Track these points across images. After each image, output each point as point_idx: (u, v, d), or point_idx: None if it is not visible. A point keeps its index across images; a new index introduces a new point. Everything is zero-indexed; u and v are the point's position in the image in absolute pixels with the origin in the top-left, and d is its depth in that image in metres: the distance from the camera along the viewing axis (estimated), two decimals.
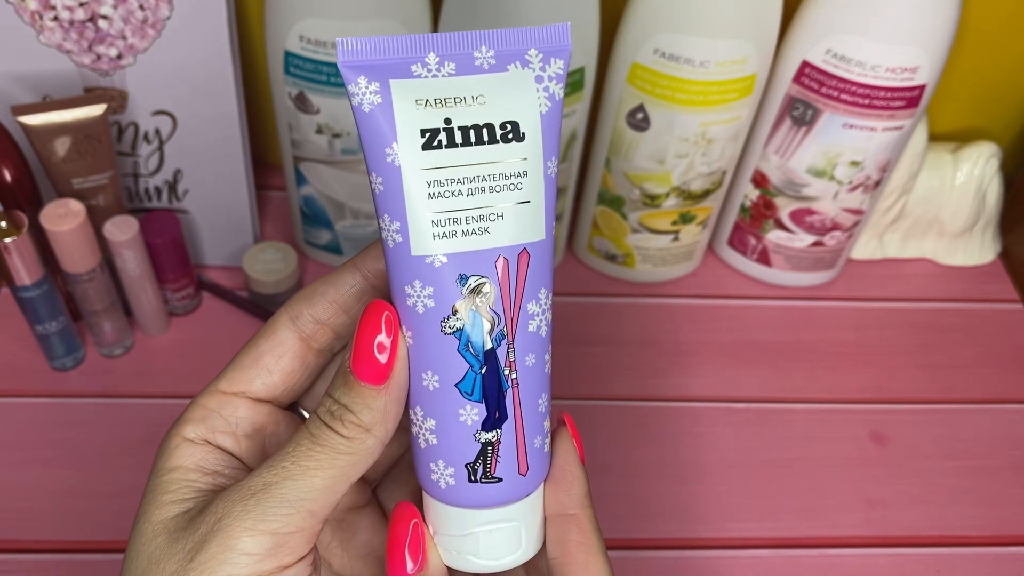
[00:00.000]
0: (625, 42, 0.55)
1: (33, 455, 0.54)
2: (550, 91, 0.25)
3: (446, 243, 0.25)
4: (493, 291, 0.25)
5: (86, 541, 0.51)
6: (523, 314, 0.26)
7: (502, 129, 0.25)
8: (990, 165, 0.67)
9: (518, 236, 0.25)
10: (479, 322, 0.25)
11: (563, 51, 0.25)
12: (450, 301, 0.25)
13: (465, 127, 0.24)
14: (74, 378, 0.58)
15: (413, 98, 0.24)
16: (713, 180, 0.61)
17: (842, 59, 0.55)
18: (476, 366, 0.26)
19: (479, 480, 0.27)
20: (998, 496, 0.57)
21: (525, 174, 0.25)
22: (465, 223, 0.25)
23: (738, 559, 0.53)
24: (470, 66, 0.25)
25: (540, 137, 0.25)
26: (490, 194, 0.25)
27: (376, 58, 0.24)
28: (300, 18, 0.52)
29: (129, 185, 0.61)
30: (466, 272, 0.25)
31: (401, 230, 0.25)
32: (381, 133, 0.24)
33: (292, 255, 0.63)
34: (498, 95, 0.25)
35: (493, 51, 0.25)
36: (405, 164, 0.24)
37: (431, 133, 0.24)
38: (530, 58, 0.25)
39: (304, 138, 0.58)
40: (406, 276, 0.25)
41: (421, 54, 0.24)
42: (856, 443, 0.59)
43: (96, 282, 0.54)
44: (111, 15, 0.52)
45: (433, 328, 0.26)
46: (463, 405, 0.26)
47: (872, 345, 0.65)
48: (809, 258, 0.66)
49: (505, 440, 0.27)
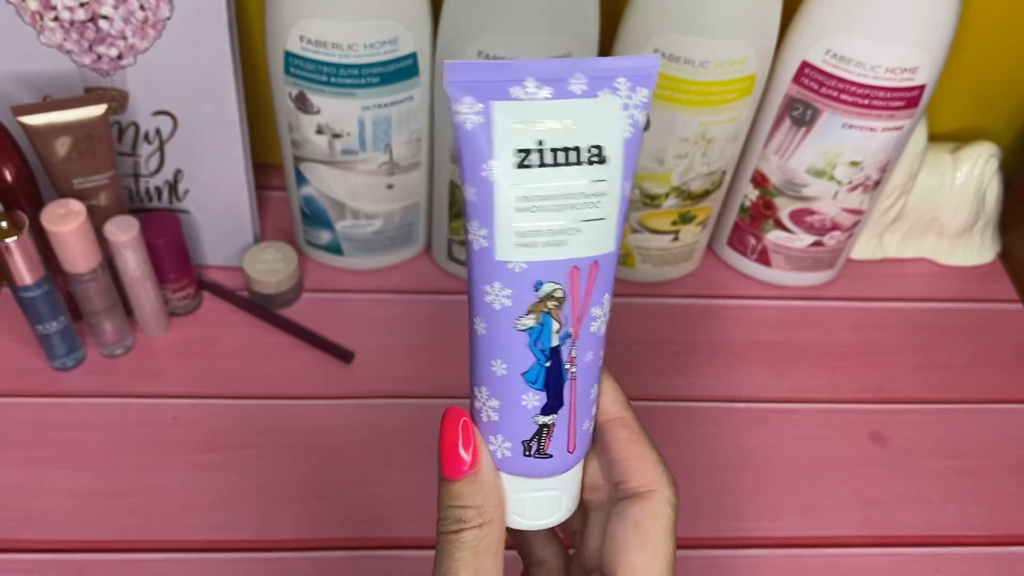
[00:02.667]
0: (625, 43, 0.55)
1: (34, 455, 0.54)
2: (634, 118, 0.28)
3: (527, 252, 0.27)
4: (565, 296, 0.28)
5: (87, 541, 0.51)
6: (587, 317, 0.29)
7: (588, 152, 0.27)
8: (989, 165, 0.67)
9: (591, 249, 0.28)
10: (549, 323, 0.28)
11: (649, 80, 0.28)
12: (525, 303, 0.28)
13: (556, 148, 0.27)
14: (75, 378, 0.59)
15: (511, 119, 0.26)
16: (713, 180, 0.61)
17: (842, 59, 0.55)
18: (542, 360, 0.29)
19: (532, 455, 0.30)
20: (997, 496, 0.57)
21: (604, 194, 0.27)
22: (546, 235, 0.27)
23: (737, 558, 0.53)
24: (564, 91, 0.27)
25: (621, 160, 0.27)
26: (571, 211, 0.27)
27: (481, 80, 0.26)
28: (300, 18, 0.52)
29: (129, 185, 0.61)
30: (542, 279, 0.28)
31: (488, 236, 0.27)
32: (480, 150, 0.27)
33: (292, 255, 0.63)
34: (587, 120, 0.27)
35: (586, 79, 0.27)
36: (499, 180, 0.27)
37: (525, 153, 0.26)
38: (619, 86, 0.27)
39: (304, 138, 0.58)
40: (487, 277, 0.28)
41: (521, 78, 0.26)
42: (855, 443, 0.59)
43: (97, 282, 0.55)
44: (112, 15, 0.53)
45: (507, 324, 0.28)
46: (526, 392, 0.29)
47: (872, 345, 0.65)
48: (809, 258, 0.66)
49: (559, 423, 0.30)
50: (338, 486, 0.54)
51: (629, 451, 0.31)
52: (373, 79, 0.54)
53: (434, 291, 0.66)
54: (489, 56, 0.52)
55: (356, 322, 0.63)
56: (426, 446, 0.57)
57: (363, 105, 0.55)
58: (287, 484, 0.54)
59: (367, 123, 0.56)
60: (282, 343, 0.62)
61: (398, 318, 0.64)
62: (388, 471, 0.55)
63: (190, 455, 0.55)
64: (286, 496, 0.54)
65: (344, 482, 0.54)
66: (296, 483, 0.54)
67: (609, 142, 0.27)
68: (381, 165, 0.60)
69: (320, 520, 0.53)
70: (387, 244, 0.66)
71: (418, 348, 0.62)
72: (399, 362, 0.61)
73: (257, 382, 0.59)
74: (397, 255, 0.67)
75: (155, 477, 0.54)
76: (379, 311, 0.65)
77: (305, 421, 0.57)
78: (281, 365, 0.60)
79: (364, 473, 0.55)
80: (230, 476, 0.54)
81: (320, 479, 0.54)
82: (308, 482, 0.54)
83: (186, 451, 0.55)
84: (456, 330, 0.64)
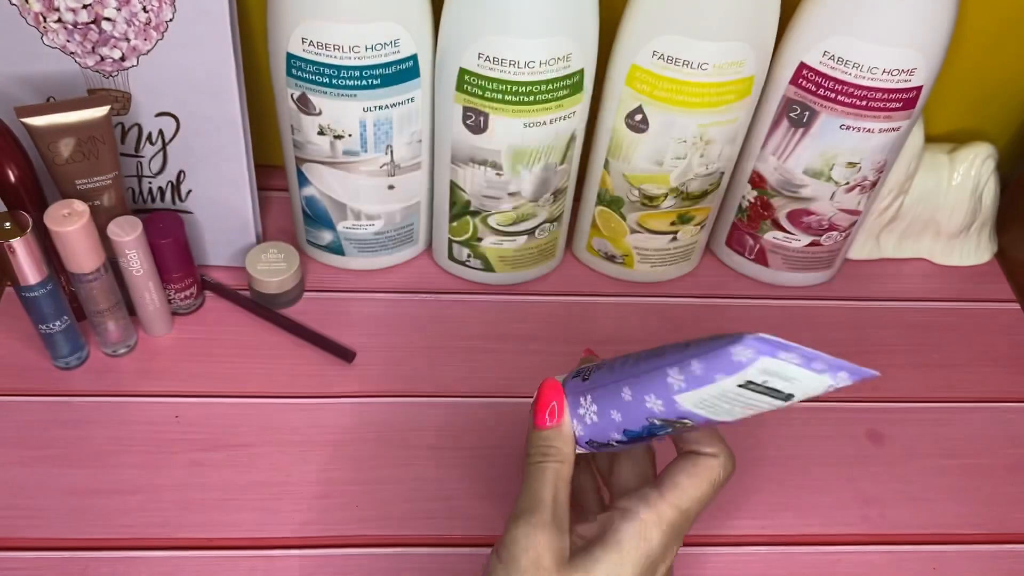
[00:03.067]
0: (624, 44, 0.56)
1: (37, 453, 0.55)
2: (829, 390, 0.36)
3: (699, 409, 0.38)
4: (693, 426, 0.39)
5: (90, 539, 0.51)
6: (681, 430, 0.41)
7: (785, 396, 0.37)
8: (986, 166, 0.67)
9: (730, 418, 0.39)
10: (668, 428, 0.40)
11: (857, 377, 0.35)
12: (667, 417, 0.39)
13: (771, 387, 0.36)
14: (78, 377, 0.59)
15: (762, 367, 0.35)
16: (711, 181, 0.62)
17: (839, 61, 0.55)
18: (645, 434, 0.40)
19: (588, 446, 0.42)
20: (994, 494, 0.57)
21: (767, 408, 0.37)
22: (713, 411, 0.38)
23: (736, 557, 0.53)
24: (808, 366, 0.35)
25: (795, 402, 0.37)
26: (740, 409, 0.38)
27: (766, 346, 0.35)
28: (302, 20, 0.52)
29: (133, 186, 0.61)
30: (689, 418, 0.38)
31: (680, 387, 0.38)
32: (732, 371, 0.36)
33: (294, 255, 0.63)
34: (803, 383, 0.36)
35: (825, 365, 0.35)
36: (723, 385, 0.37)
37: (752, 383, 0.36)
38: (839, 376, 0.35)
39: (306, 139, 0.58)
40: (654, 395, 0.39)
41: (788, 350, 0.35)
42: (853, 441, 0.59)
43: (100, 282, 0.55)
44: (114, 17, 0.53)
45: (642, 415, 0.40)
46: (617, 433, 0.41)
47: (869, 344, 0.66)
48: (806, 258, 0.67)
49: (620, 447, 0.42)
50: (339, 484, 0.55)
51: (704, 431, 0.41)
52: (374, 81, 0.54)
53: (435, 291, 0.67)
54: (490, 57, 0.53)
55: (357, 322, 0.64)
56: (426, 445, 0.57)
57: (364, 106, 0.56)
58: (288, 482, 0.54)
59: (368, 124, 0.57)
60: (284, 342, 0.62)
61: (399, 318, 0.64)
62: (389, 470, 0.55)
63: (192, 454, 0.55)
64: (287, 495, 0.54)
65: (345, 480, 0.55)
66: (297, 482, 0.55)
67: (799, 395, 0.37)
68: (382, 166, 0.60)
69: (321, 519, 0.53)
70: (388, 244, 0.66)
71: (419, 348, 0.63)
72: (400, 362, 0.62)
73: (259, 381, 0.60)
74: (398, 255, 0.68)
75: (157, 476, 0.54)
76: (380, 311, 0.65)
77: (306, 420, 0.58)
78: (283, 364, 0.61)
79: (365, 472, 0.55)
80: (232, 475, 0.54)
81: (321, 478, 0.55)
82: (309, 481, 0.55)
83: (188, 450, 0.55)
84: (456, 330, 0.64)
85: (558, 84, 0.54)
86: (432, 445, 0.57)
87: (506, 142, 0.57)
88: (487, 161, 0.58)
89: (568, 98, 0.56)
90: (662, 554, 0.39)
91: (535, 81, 0.53)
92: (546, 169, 0.59)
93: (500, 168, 0.58)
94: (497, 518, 0.54)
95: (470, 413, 0.59)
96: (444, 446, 0.57)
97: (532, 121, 0.55)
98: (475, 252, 0.65)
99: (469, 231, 0.64)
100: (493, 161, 0.58)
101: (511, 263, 0.66)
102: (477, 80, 0.54)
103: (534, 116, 0.55)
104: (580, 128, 0.59)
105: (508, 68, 0.53)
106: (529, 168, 0.58)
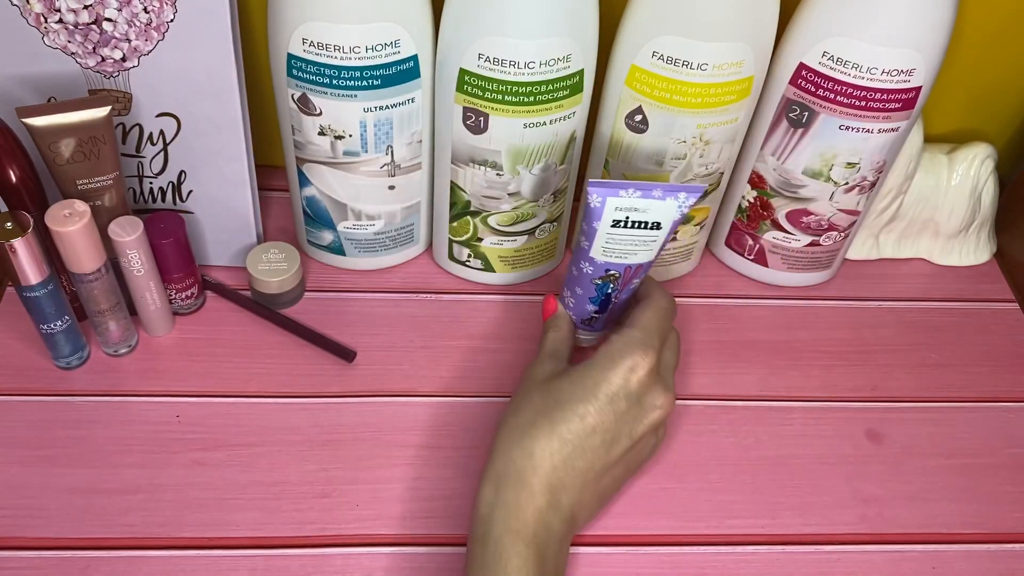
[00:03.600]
0: (624, 45, 0.56)
1: (38, 453, 0.55)
2: (683, 211, 0.51)
3: (607, 257, 0.53)
4: (621, 276, 0.54)
5: (91, 538, 0.51)
6: (629, 285, 0.55)
7: (653, 225, 0.51)
8: (985, 166, 0.67)
9: (641, 259, 0.53)
10: (609, 284, 0.55)
11: (697, 193, 0.51)
12: (599, 274, 0.54)
13: (634, 221, 0.51)
14: (79, 377, 0.59)
15: (615, 206, 0.51)
16: (711, 181, 0.62)
17: (838, 61, 0.55)
18: (600, 295, 0.55)
19: (584, 325, 0.58)
20: (993, 494, 0.57)
21: (655, 240, 0.52)
22: (618, 254, 0.53)
23: (735, 556, 0.53)
24: (649, 196, 0.50)
25: (668, 228, 0.52)
26: (634, 247, 0.52)
27: (606, 188, 0.50)
28: (303, 21, 0.52)
29: (134, 186, 0.61)
30: (611, 268, 0.54)
31: (588, 246, 0.53)
32: (597, 217, 0.51)
33: (295, 255, 0.63)
34: (656, 210, 0.51)
35: (663, 192, 0.50)
36: (601, 230, 0.52)
37: (618, 222, 0.51)
38: (680, 197, 0.51)
39: (307, 140, 0.58)
40: (584, 262, 0.54)
41: (626, 188, 0.50)
42: (852, 441, 0.59)
43: (101, 282, 0.55)
44: (115, 18, 0.53)
45: (588, 280, 0.55)
46: (589, 304, 0.56)
47: (868, 344, 0.66)
48: (805, 258, 0.67)
49: (601, 317, 0.57)
50: (340, 484, 0.55)
51: (643, 283, 0.56)
52: (375, 81, 0.55)
53: (435, 291, 0.67)
54: (490, 58, 0.53)
55: (358, 322, 0.64)
56: (427, 444, 0.57)
57: (365, 107, 0.56)
58: (289, 482, 0.55)
59: (369, 125, 0.57)
60: (284, 342, 0.62)
61: (399, 318, 0.65)
62: (389, 470, 0.56)
63: (193, 453, 0.55)
64: (287, 494, 0.54)
65: (346, 480, 0.55)
66: (298, 481, 0.55)
67: (664, 221, 0.51)
68: (383, 166, 0.60)
69: (322, 518, 0.53)
70: (388, 245, 0.66)
71: (419, 347, 0.63)
72: (400, 361, 0.62)
73: (259, 381, 0.60)
74: (398, 255, 0.68)
75: (158, 475, 0.54)
76: (381, 311, 0.65)
77: (307, 419, 0.58)
78: (283, 364, 0.61)
79: (365, 472, 0.55)
80: (233, 474, 0.55)
81: (322, 477, 0.55)
82: (310, 480, 0.55)
83: (189, 449, 0.56)
84: (456, 330, 0.64)
85: (558, 85, 0.55)
86: (432, 445, 0.57)
87: (506, 142, 0.57)
88: (487, 161, 0.58)
89: (568, 99, 0.56)
90: (640, 354, 0.50)
91: (535, 82, 0.54)
92: (546, 169, 0.59)
93: (500, 168, 0.58)
94: None
95: (470, 413, 0.59)
96: (444, 446, 0.57)
97: (532, 121, 0.56)
98: (475, 252, 0.65)
99: (469, 231, 0.64)
100: (493, 161, 0.58)
101: (511, 263, 0.66)
102: (477, 80, 0.54)
103: (534, 116, 0.55)
104: (580, 128, 0.59)
105: (508, 69, 0.53)
106: (529, 168, 0.59)
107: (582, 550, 0.53)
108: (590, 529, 0.53)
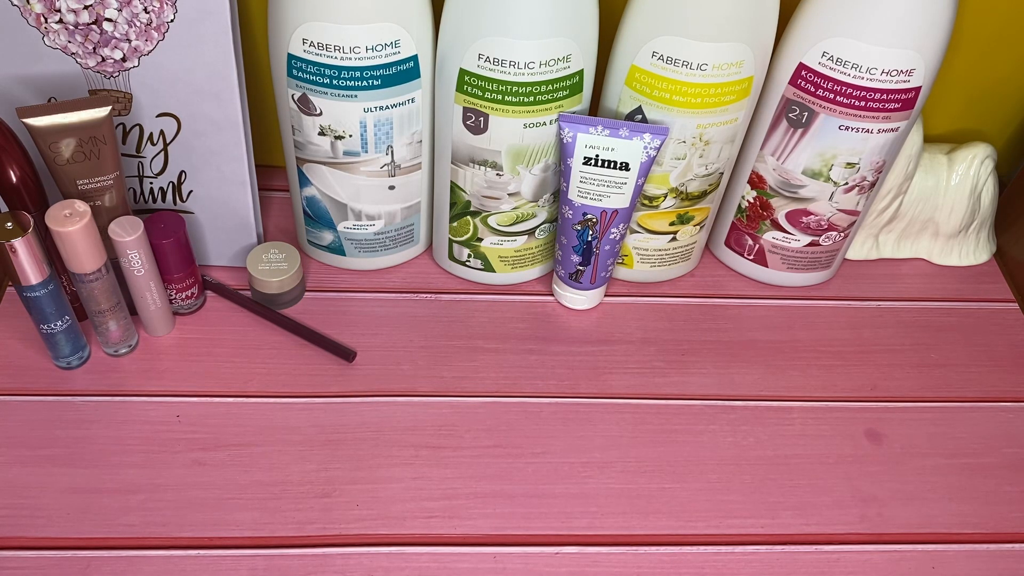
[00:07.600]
0: (624, 45, 0.56)
1: (39, 453, 0.55)
2: (649, 153, 0.56)
3: (582, 198, 0.58)
4: (598, 221, 0.59)
5: (91, 538, 0.51)
6: (608, 232, 0.59)
7: (621, 166, 0.56)
8: (985, 166, 0.67)
9: (615, 203, 0.58)
10: (588, 231, 0.59)
11: (663, 136, 0.55)
12: (578, 219, 0.59)
13: (604, 160, 0.56)
14: (79, 377, 0.59)
15: (585, 143, 0.55)
16: (710, 181, 0.62)
17: (838, 62, 0.55)
18: (581, 243, 0.60)
19: (571, 281, 0.64)
20: (993, 493, 0.57)
21: (625, 182, 0.57)
22: (593, 196, 0.58)
23: (735, 556, 0.53)
24: (616, 135, 0.55)
25: (637, 171, 0.56)
26: (607, 188, 0.57)
27: (577, 124, 0.55)
28: (303, 21, 0.53)
29: (134, 186, 0.62)
30: (588, 211, 0.58)
31: (565, 187, 0.57)
32: (570, 154, 0.56)
33: (295, 255, 0.63)
34: (623, 149, 0.55)
35: (628, 130, 0.55)
36: (575, 168, 0.57)
37: (588, 159, 0.56)
38: (644, 137, 0.55)
39: (307, 140, 0.58)
40: (564, 206, 0.59)
41: (595, 124, 0.55)
42: (852, 441, 0.59)
43: (101, 282, 0.55)
44: (116, 18, 0.53)
45: (569, 226, 0.60)
46: (573, 255, 0.61)
47: (867, 344, 0.66)
48: (805, 258, 0.67)
49: (586, 270, 0.62)
50: (340, 484, 0.55)
51: None
52: (375, 81, 0.55)
53: (435, 291, 0.67)
54: (490, 58, 0.53)
55: (358, 321, 0.64)
56: (426, 445, 0.57)
57: (365, 107, 0.56)
58: (289, 482, 0.55)
59: (369, 125, 0.57)
60: (285, 342, 0.62)
61: (399, 318, 0.65)
62: (390, 469, 0.56)
63: (193, 453, 0.55)
64: (287, 494, 0.54)
65: (346, 480, 0.55)
66: (298, 481, 0.55)
67: (632, 161, 0.56)
68: (383, 166, 0.60)
69: (322, 517, 0.53)
70: (388, 244, 0.66)
71: (419, 347, 0.63)
72: (400, 361, 0.62)
73: (260, 381, 0.60)
74: (398, 255, 0.68)
75: (159, 475, 0.54)
76: (381, 311, 0.65)
77: (307, 419, 0.58)
78: (284, 364, 0.61)
79: (365, 471, 0.55)
80: (233, 474, 0.55)
81: (322, 477, 0.55)
82: (310, 480, 0.55)
83: (189, 449, 0.56)
84: (456, 330, 0.64)
85: (558, 85, 0.55)
86: (432, 445, 0.57)
87: (506, 142, 0.57)
88: (487, 161, 0.58)
89: (568, 99, 0.56)
90: None
91: (535, 82, 0.54)
92: (546, 169, 0.59)
93: (500, 168, 0.58)
94: (497, 518, 0.54)
95: (470, 413, 0.59)
96: (444, 446, 0.57)
97: (532, 121, 0.56)
98: (475, 252, 0.65)
99: (469, 231, 0.64)
100: (493, 161, 0.58)
101: (511, 263, 0.66)
102: (477, 81, 0.54)
103: (534, 116, 0.55)
104: None
105: (508, 69, 0.53)
106: (529, 168, 0.59)
107: (582, 550, 0.53)
108: (590, 529, 0.54)
